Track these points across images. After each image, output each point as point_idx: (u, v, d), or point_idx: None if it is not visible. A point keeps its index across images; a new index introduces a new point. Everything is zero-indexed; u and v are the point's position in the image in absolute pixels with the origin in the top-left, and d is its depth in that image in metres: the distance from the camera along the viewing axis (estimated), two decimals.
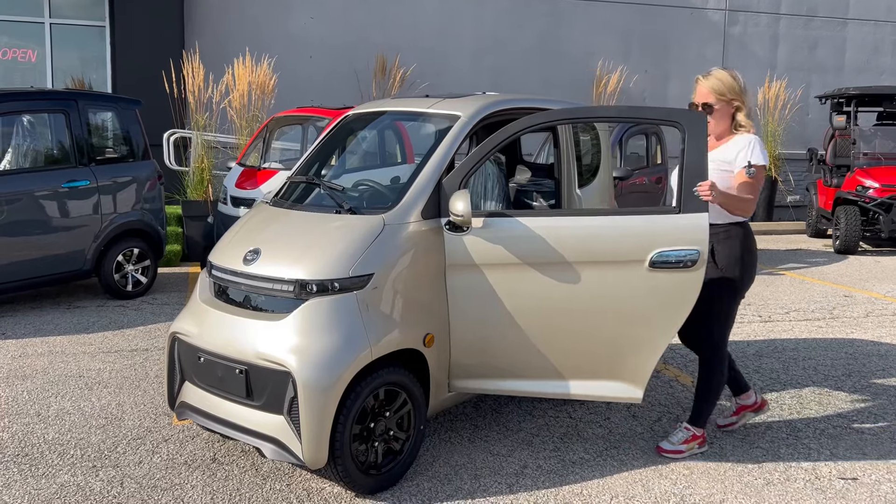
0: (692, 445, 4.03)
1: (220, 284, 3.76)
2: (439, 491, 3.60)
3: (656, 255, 3.56)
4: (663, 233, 3.57)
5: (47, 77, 11.40)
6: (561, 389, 3.83)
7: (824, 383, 5.23)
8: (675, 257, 3.56)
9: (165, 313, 6.79)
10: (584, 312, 3.67)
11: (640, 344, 3.68)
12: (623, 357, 3.72)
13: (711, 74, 3.93)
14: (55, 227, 6.80)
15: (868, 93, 11.73)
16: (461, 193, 3.58)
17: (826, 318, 7.07)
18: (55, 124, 6.99)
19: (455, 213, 3.58)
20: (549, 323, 3.70)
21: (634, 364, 3.72)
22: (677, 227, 3.56)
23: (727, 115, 3.93)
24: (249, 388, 3.42)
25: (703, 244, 3.55)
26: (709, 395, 4.03)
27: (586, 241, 3.61)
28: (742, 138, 3.91)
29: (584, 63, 13.21)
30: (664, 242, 3.56)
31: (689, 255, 3.55)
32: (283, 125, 8.64)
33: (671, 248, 3.56)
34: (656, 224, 3.59)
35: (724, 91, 3.88)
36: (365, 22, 12.30)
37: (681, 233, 3.56)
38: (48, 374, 5.17)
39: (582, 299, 3.65)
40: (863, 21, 14.74)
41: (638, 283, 3.60)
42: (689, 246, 3.55)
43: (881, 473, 3.88)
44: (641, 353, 3.70)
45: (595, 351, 3.73)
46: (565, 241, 3.62)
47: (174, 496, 3.52)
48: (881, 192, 10.74)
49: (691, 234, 3.55)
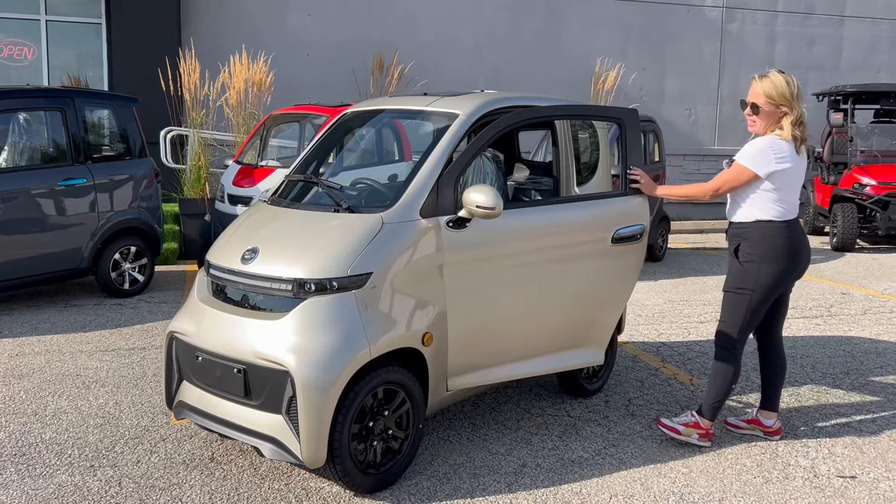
0: (691, 431, 4.07)
1: (218, 283, 3.75)
2: (438, 490, 3.60)
3: (616, 231, 4.29)
4: (621, 212, 4.32)
5: (43, 74, 11.37)
6: (540, 367, 4.19)
7: (822, 381, 5.23)
8: (630, 232, 4.35)
9: (163, 312, 6.77)
10: (569, 292, 4.16)
11: (605, 310, 4.39)
12: (592, 324, 4.36)
13: (767, 77, 3.94)
14: (52, 226, 6.78)
15: (865, 90, 11.75)
16: (482, 187, 3.61)
17: (824, 315, 7.08)
18: (52, 122, 6.97)
19: (482, 206, 3.57)
20: (542, 309, 4.06)
21: (599, 329, 4.40)
22: (629, 206, 4.38)
23: (774, 118, 3.93)
24: (248, 387, 3.41)
25: (646, 219, 4.43)
26: (715, 390, 4.06)
27: (576, 227, 4.15)
28: (757, 140, 3.94)
29: (582, 60, 13.20)
30: (622, 220, 4.33)
31: (639, 228, 4.40)
32: (281, 123, 8.63)
33: (626, 225, 4.34)
34: (616, 205, 4.34)
35: (774, 95, 3.89)
36: (362, 19, 12.28)
37: (631, 211, 4.37)
38: (45, 372, 5.16)
39: (568, 280, 4.13)
40: (860, 18, 14.75)
41: (606, 256, 4.28)
42: (638, 221, 4.40)
43: (879, 471, 3.88)
44: (605, 319, 4.41)
45: (574, 324, 4.25)
46: (557, 228, 4.08)
47: (172, 496, 3.51)
48: (878, 190, 10.76)
49: (638, 211, 4.41)
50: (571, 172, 4.50)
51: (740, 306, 3.96)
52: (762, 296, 3.93)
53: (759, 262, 3.91)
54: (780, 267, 3.92)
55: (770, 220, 3.92)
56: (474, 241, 3.73)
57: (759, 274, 3.90)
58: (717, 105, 14.13)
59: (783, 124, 3.90)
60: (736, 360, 4.02)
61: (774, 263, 3.90)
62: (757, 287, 3.91)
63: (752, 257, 3.92)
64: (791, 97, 3.89)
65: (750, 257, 3.92)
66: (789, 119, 3.89)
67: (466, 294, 3.75)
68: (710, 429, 4.09)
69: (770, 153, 3.86)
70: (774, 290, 3.96)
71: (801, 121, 3.94)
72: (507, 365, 4.04)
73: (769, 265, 3.90)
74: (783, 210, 3.93)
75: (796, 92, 3.91)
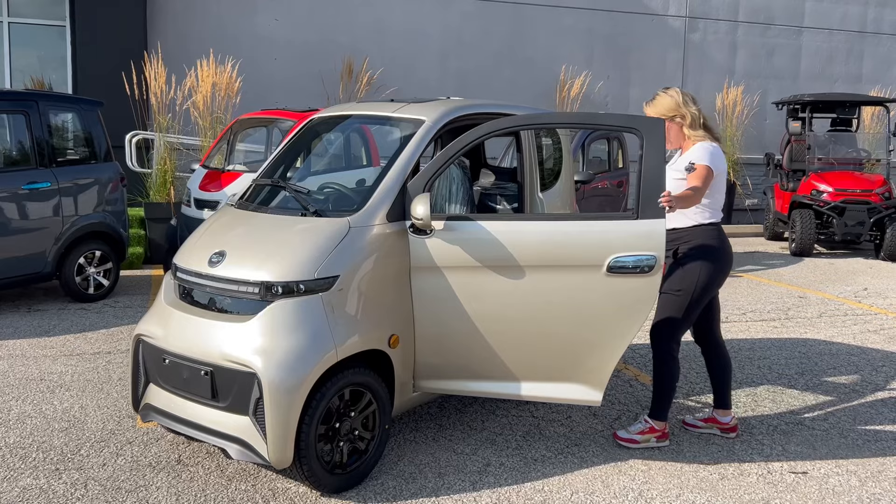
0: (648, 437, 4.17)
1: (185, 286, 3.77)
2: (404, 489, 3.66)
3: (613, 260, 3.61)
4: (621, 238, 3.61)
5: (6, 77, 11.21)
6: (521, 391, 3.90)
7: (778, 381, 5.39)
8: (633, 262, 3.60)
9: (128, 316, 6.74)
10: (543, 316, 3.72)
11: (598, 347, 3.73)
12: (581, 360, 3.78)
13: (654, 100, 4.22)
14: (15, 229, 6.70)
15: (822, 99, 12.06)
16: (422, 197, 3.65)
17: (781, 318, 7.27)
18: (15, 125, 6.90)
19: (415, 217, 3.65)
20: (510, 325, 3.77)
21: (593, 367, 3.78)
22: (634, 232, 3.61)
23: (679, 131, 4.17)
24: (215, 389, 3.44)
25: (659, 250, 3.59)
26: (661, 390, 4.17)
27: (546, 246, 3.66)
28: (698, 147, 4.09)
29: (548, 68, 13.38)
30: (621, 248, 3.61)
31: (645, 260, 3.60)
32: (248, 127, 8.62)
33: (628, 254, 3.60)
34: (614, 229, 3.63)
35: (665, 112, 4.14)
36: (331, 24, 12.31)
37: (638, 239, 3.60)
38: (8, 377, 5.11)
39: (541, 303, 3.71)
40: (818, 30, 15.14)
41: (595, 287, 3.65)
42: (646, 252, 3.59)
43: (830, 467, 4.03)
44: (599, 357, 3.75)
45: (554, 353, 3.79)
46: (526, 244, 3.67)
47: (139, 497, 3.52)
48: (834, 196, 11.05)
49: (648, 240, 3.59)
50: (536, 179, 4.59)
51: (678, 307, 4.05)
52: (700, 297, 4.05)
53: (700, 264, 4.03)
54: (717, 268, 4.06)
55: (707, 223, 4.08)
56: (439, 247, 3.74)
57: (699, 276, 4.02)
58: None
59: (688, 133, 4.14)
60: (675, 359, 4.13)
61: (713, 265, 4.04)
62: (696, 288, 4.02)
63: (693, 260, 4.04)
64: (678, 105, 4.13)
65: (690, 260, 4.04)
66: (686, 124, 4.13)
67: (433, 299, 3.80)
68: (664, 429, 4.20)
69: (719, 155, 4.04)
70: (711, 291, 4.09)
71: (703, 123, 4.16)
72: (482, 381, 3.92)
73: (708, 267, 4.03)
74: (713, 212, 4.11)
75: (681, 99, 4.15)
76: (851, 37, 15.37)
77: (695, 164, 4.02)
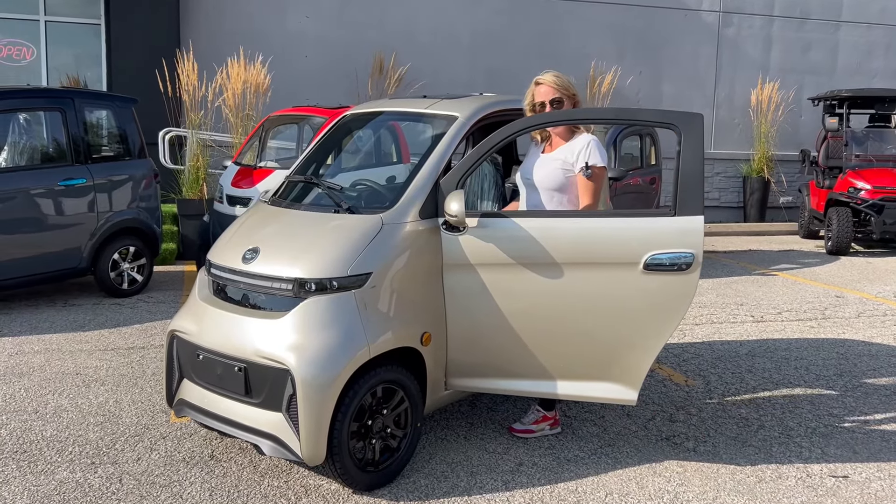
0: (542, 426, 4.21)
1: (219, 283, 3.79)
2: (436, 488, 3.64)
3: (650, 257, 3.53)
4: (658, 235, 3.53)
5: (42, 75, 11.38)
6: (555, 389, 3.85)
7: (816, 383, 5.28)
8: (670, 260, 3.51)
9: (161, 311, 6.80)
10: (577, 313, 3.66)
11: (634, 346, 3.66)
12: (617, 359, 3.70)
13: (547, 73, 4.00)
14: (51, 225, 6.80)
15: (860, 95, 11.82)
16: (456, 194, 3.61)
17: (818, 318, 7.13)
18: (51, 122, 7.00)
19: (449, 214, 3.62)
20: (543, 323, 3.71)
21: (628, 366, 3.70)
22: (672, 229, 3.53)
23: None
24: (248, 385, 3.45)
25: (697, 247, 3.51)
26: None
27: (581, 243, 3.60)
28: (581, 139, 3.90)
29: (578, 63, 13.24)
30: (658, 245, 3.53)
31: (683, 257, 3.51)
32: (279, 124, 8.67)
33: (665, 251, 3.52)
34: (651, 226, 3.55)
35: (567, 85, 3.95)
36: (361, 21, 12.32)
37: (675, 236, 3.52)
38: (45, 371, 5.18)
39: (575, 300, 3.64)
40: (856, 24, 14.83)
41: (632, 285, 3.57)
42: (684, 249, 3.51)
43: (871, 472, 3.93)
44: (635, 355, 3.67)
45: (588, 352, 3.73)
46: (560, 242, 3.61)
47: (172, 493, 3.54)
48: (873, 194, 10.82)
49: (686, 237, 3.51)
50: None
51: None
52: None
53: None
54: None
55: None
56: (472, 245, 3.69)
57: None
58: (713, 109, 14.19)
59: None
60: None
61: None
62: None
63: None
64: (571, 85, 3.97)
65: None
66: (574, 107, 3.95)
67: (465, 297, 3.76)
68: (556, 416, 4.25)
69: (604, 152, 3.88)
70: None
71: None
72: (514, 379, 3.87)
73: None
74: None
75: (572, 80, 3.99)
76: (891, 31, 15.04)
77: (591, 167, 3.79)
